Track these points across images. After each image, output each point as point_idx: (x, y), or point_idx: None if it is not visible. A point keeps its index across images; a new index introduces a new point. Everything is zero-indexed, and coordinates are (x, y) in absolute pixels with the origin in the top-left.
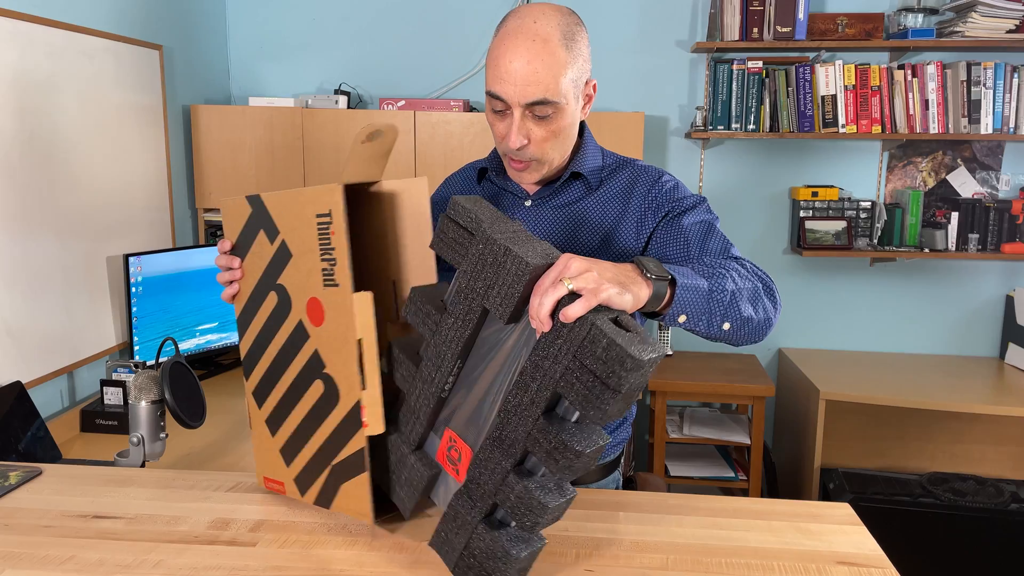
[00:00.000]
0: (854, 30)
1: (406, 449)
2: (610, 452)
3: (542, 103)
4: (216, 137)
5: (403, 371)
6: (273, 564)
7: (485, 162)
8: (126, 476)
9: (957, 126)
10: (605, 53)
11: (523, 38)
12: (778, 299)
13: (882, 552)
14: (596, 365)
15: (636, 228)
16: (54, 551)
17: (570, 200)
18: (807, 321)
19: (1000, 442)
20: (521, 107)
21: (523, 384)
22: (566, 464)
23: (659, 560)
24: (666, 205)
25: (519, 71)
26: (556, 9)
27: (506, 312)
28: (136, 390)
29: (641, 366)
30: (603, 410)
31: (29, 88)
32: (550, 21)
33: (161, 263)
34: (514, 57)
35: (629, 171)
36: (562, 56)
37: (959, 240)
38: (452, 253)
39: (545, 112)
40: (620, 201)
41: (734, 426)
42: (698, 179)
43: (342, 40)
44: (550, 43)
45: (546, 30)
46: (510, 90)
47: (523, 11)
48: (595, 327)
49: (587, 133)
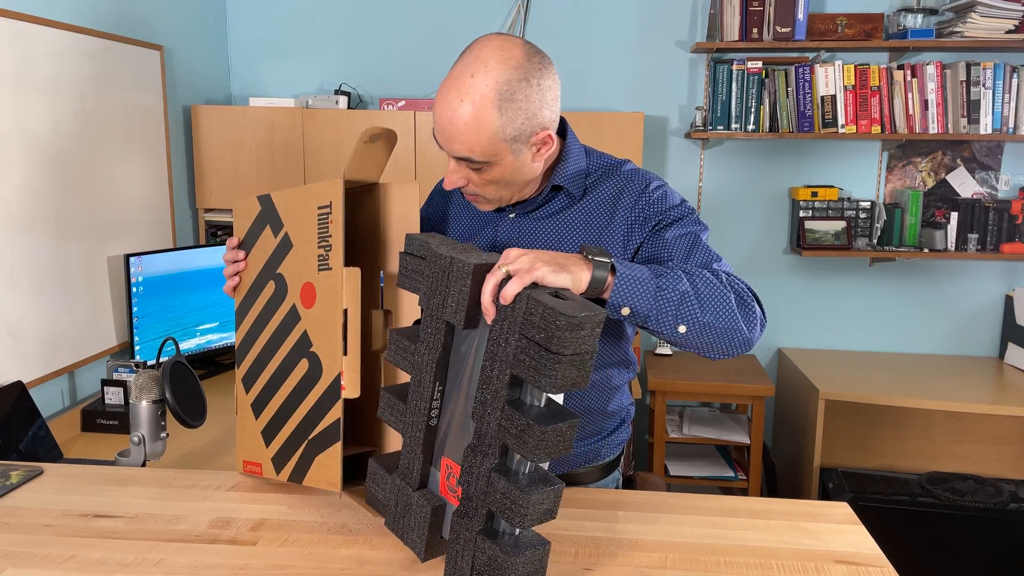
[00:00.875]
0: (854, 30)
1: (410, 490)
2: (610, 452)
3: (467, 159)
4: (216, 137)
5: (395, 412)
6: (274, 563)
7: None
8: (127, 475)
9: (956, 126)
10: (605, 53)
11: (454, 94)
12: (758, 313)
13: (880, 551)
14: (538, 334)
15: (623, 240)
16: (55, 550)
17: (554, 211)
18: (807, 321)
19: (999, 442)
20: (451, 157)
21: (486, 377)
22: (535, 444)
23: (658, 559)
24: (654, 217)
25: (445, 128)
26: (504, 60)
27: (461, 316)
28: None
29: (577, 324)
30: (553, 377)
31: (30, 88)
32: (488, 78)
33: (162, 263)
34: (442, 111)
35: (616, 179)
36: (491, 120)
37: (958, 240)
38: (413, 283)
39: (474, 166)
40: (607, 211)
41: (734, 426)
42: (698, 179)
43: (342, 40)
44: (478, 106)
45: (480, 90)
46: (440, 138)
47: (469, 57)
48: (531, 299)
49: (570, 135)
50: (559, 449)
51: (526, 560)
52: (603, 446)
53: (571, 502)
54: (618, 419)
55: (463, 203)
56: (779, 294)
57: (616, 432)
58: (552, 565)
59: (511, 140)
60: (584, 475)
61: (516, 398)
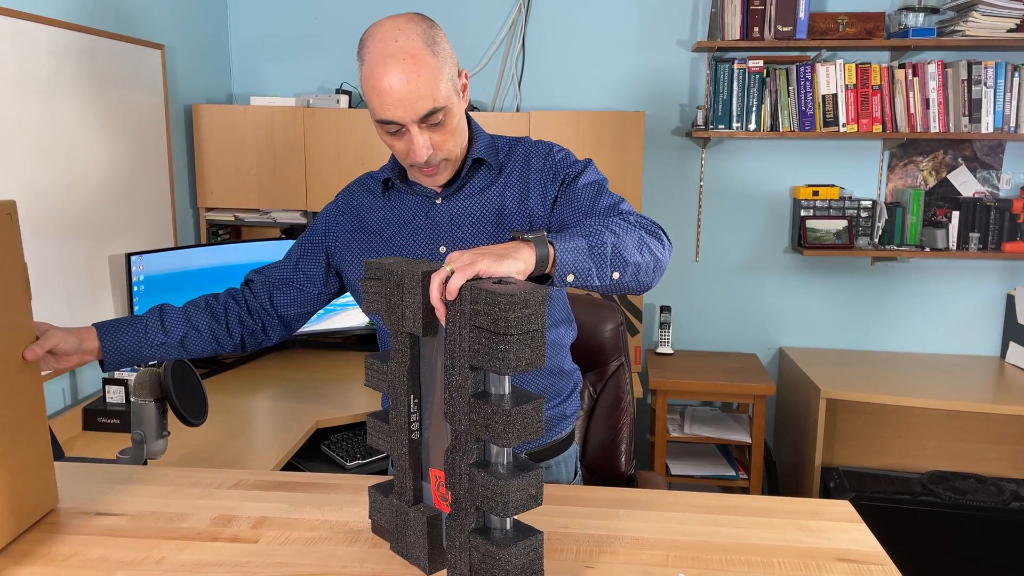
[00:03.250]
0: (855, 29)
1: (405, 507)
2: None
3: (432, 112)
4: (218, 136)
5: (380, 433)
6: (275, 561)
7: (385, 172)
8: (128, 474)
9: (958, 125)
10: (606, 52)
11: (394, 61)
12: (665, 239)
13: (882, 549)
14: (484, 320)
15: (541, 198)
16: (56, 548)
17: (478, 188)
18: (808, 320)
19: (1000, 441)
20: (415, 123)
21: (448, 375)
22: (503, 430)
23: (659, 557)
24: (561, 172)
25: (402, 92)
26: (408, 19)
27: (419, 324)
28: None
29: (520, 303)
30: (505, 359)
31: (32, 87)
32: (409, 35)
33: (163, 262)
34: (393, 80)
35: (522, 148)
36: (433, 64)
37: (960, 239)
38: (376, 305)
39: (437, 119)
40: (522, 178)
41: (735, 425)
42: (699, 178)
43: (343, 39)
44: (419, 56)
45: (412, 45)
46: (400, 111)
47: (380, 34)
48: (474, 288)
49: (472, 122)
50: (529, 431)
51: (518, 551)
52: (566, 407)
53: (572, 500)
54: (572, 380)
55: (380, 205)
56: (780, 293)
57: (572, 396)
58: (553, 563)
59: (450, 80)
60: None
61: (480, 390)
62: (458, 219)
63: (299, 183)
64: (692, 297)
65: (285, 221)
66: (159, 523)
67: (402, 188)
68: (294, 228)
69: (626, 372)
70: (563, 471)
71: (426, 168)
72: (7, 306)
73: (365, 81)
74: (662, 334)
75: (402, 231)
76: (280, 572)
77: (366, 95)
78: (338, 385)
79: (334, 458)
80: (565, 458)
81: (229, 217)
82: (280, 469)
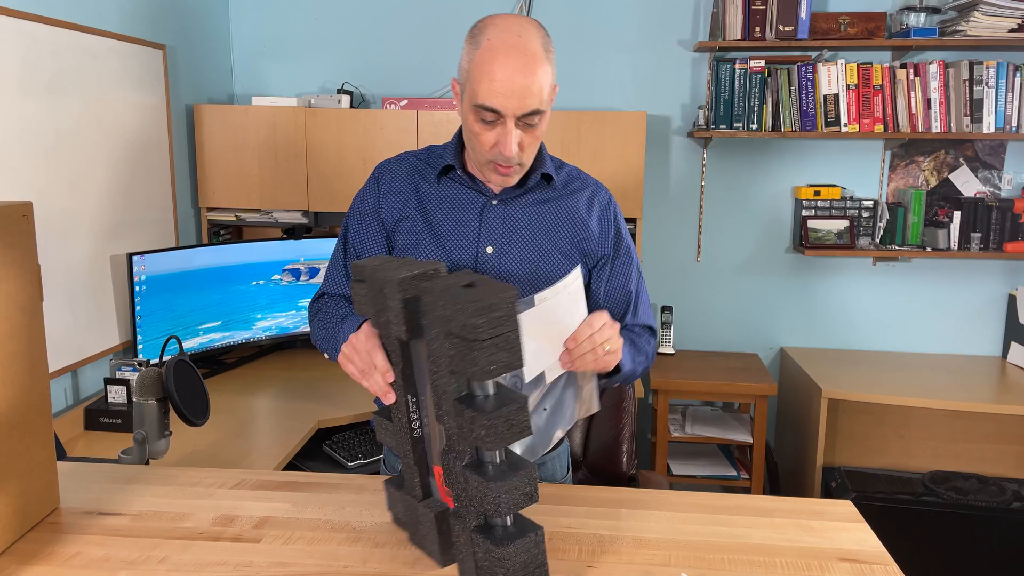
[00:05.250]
0: (856, 29)
1: (415, 502)
2: None
3: (534, 113)
4: (219, 137)
5: (387, 431)
6: (277, 560)
7: (447, 159)
8: (130, 474)
9: (959, 125)
10: (607, 52)
11: (516, 54)
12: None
13: (884, 549)
14: (455, 326)
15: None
16: (59, 547)
17: (537, 200)
18: (809, 320)
19: (1002, 441)
20: (515, 117)
21: (434, 380)
22: (486, 434)
23: (661, 556)
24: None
25: (518, 85)
26: (530, 22)
27: (402, 329)
28: (140, 388)
29: (485, 308)
30: (481, 363)
31: (33, 87)
32: (532, 35)
33: (165, 262)
34: (513, 72)
35: (583, 181)
36: (548, 68)
37: (961, 239)
38: (364, 308)
39: (534, 120)
40: (584, 209)
41: (736, 425)
42: (700, 178)
43: (345, 39)
44: (538, 56)
45: (533, 45)
46: (510, 103)
47: (504, 25)
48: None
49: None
50: (515, 432)
51: (518, 548)
52: None
53: (574, 500)
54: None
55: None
56: (781, 293)
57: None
58: (556, 563)
59: (551, 89)
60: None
61: (466, 394)
62: (511, 223)
63: (300, 183)
64: (693, 297)
65: (286, 221)
66: (161, 523)
67: (461, 179)
68: (295, 228)
69: None
70: (557, 467)
71: (504, 167)
72: (20, 308)
73: (479, 64)
74: (663, 334)
75: (452, 222)
76: (282, 572)
77: (474, 78)
78: (339, 385)
79: (336, 458)
80: (558, 454)
81: (231, 217)
82: (282, 469)
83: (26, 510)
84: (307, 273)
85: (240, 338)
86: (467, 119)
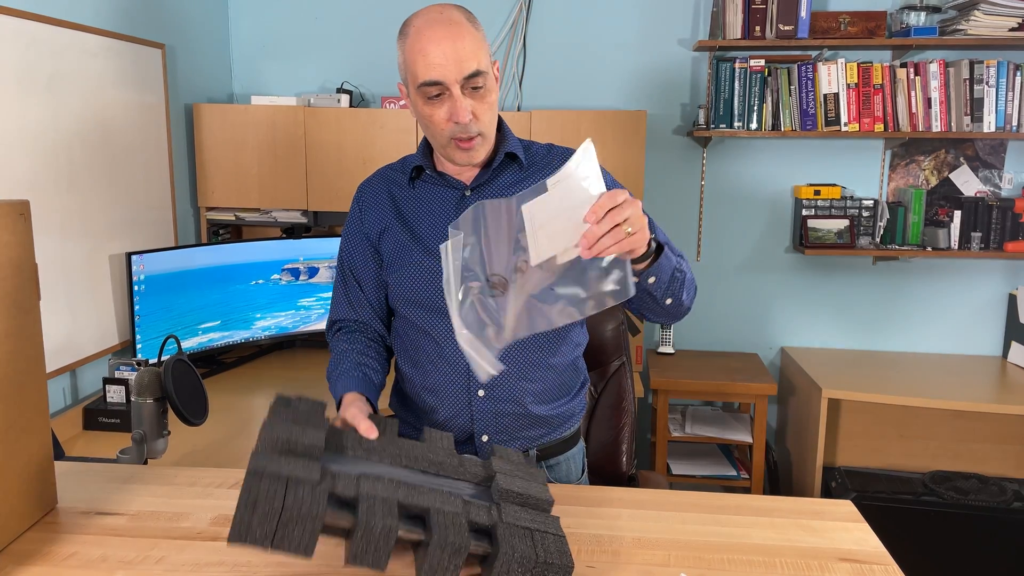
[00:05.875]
0: (856, 28)
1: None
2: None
3: (476, 74)
4: (218, 136)
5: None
6: (276, 560)
7: (415, 160)
8: (129, 473)
9: (960, 124)
10: (607, 51)
11: (441, 25)
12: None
13: (884, 549)
14: None
15: None
16: (56, 547)
17: (508, 183)
18: (809, 320)
19: (1003, 441)
20: (459, 83)
21: None
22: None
23: (661, 556)
24: None
25: (450, 51)
26: (449, 4)
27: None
28: (139, 388)
29: None
30: None
31: (32, 86)
32: (453, 10)
33: (164, 261)
34: (442, 40)
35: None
36: (476, 34)
37: (962, 239)
38: None
39: (479, 83)
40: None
41: (736, 425)
42: (700, 178)
43: (344, 39)
44: (464, 25)
45: (456, 16)
46: (447, 71)
47: (424, 11)
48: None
49: (501, 120)
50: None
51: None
52: (574, 405)
53: (574, 499)
54: (581, 378)
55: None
56: (781, 293)
57: (580, 393)
58: None
59: (488, 57)
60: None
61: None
62: None
63: (300, 183)
64: None
65: (286, 220)
66: (159, 523)
67: (432, 178)
68: (295, 228)
69: (627, 372)
70: (572, 467)
71: (465, 141)
72: (18, 307)
73: (410, 50)
74: (663, 334)
75: (431, 222)
76: (280, 572)
77: (410, 64)
78: None
79: None
80: (573, 455)
81: (230, 216)
82: None
83: (24, 510)
84: (306, 273)
85: (239, 338)
86: (418, 107)
